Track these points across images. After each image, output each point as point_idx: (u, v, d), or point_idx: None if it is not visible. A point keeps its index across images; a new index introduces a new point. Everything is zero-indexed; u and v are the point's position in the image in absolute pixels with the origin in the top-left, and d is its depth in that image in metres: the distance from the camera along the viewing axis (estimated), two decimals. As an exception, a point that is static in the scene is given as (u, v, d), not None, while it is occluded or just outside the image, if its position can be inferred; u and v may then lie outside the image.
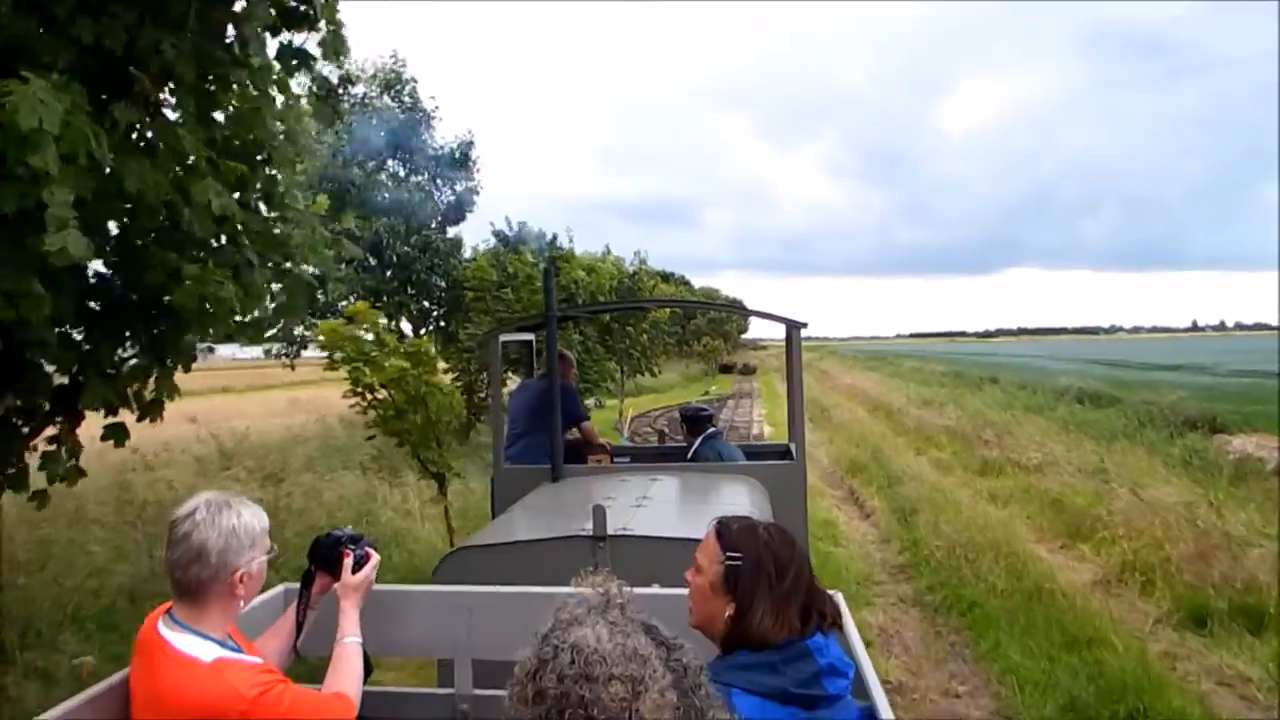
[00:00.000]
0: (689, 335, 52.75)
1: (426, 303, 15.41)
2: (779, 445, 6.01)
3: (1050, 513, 9.25)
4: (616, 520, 2.91)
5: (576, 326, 14.00)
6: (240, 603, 1.74)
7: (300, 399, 20.36)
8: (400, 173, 14.81)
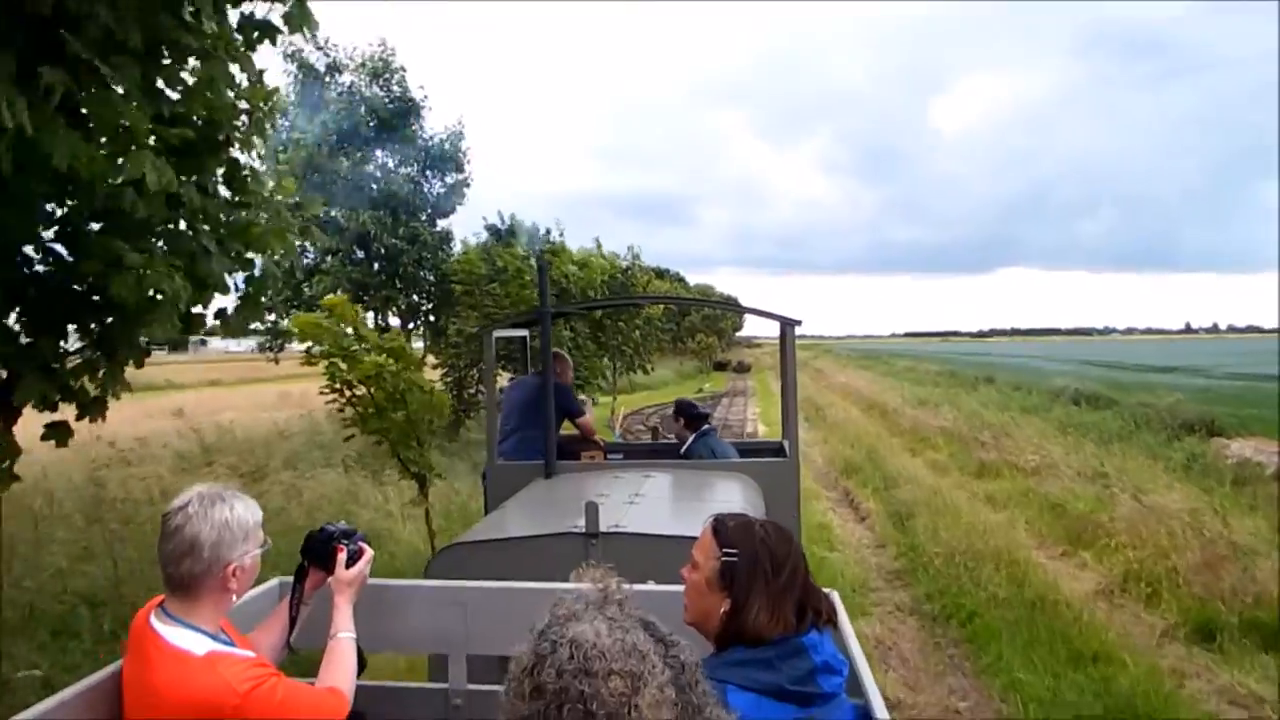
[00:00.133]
0: (683, 332, 52.62)
1: (415, 296, 15.13)
2: (773, 442, 5.94)
3: (1050, 518, 9.01)
4: (609, 517, 2.92)
5: (568, 322, 13.74)
6: (233, 596, 1.75)
7: (291, 393, 19.97)
8: (389, 163, 14.50)
